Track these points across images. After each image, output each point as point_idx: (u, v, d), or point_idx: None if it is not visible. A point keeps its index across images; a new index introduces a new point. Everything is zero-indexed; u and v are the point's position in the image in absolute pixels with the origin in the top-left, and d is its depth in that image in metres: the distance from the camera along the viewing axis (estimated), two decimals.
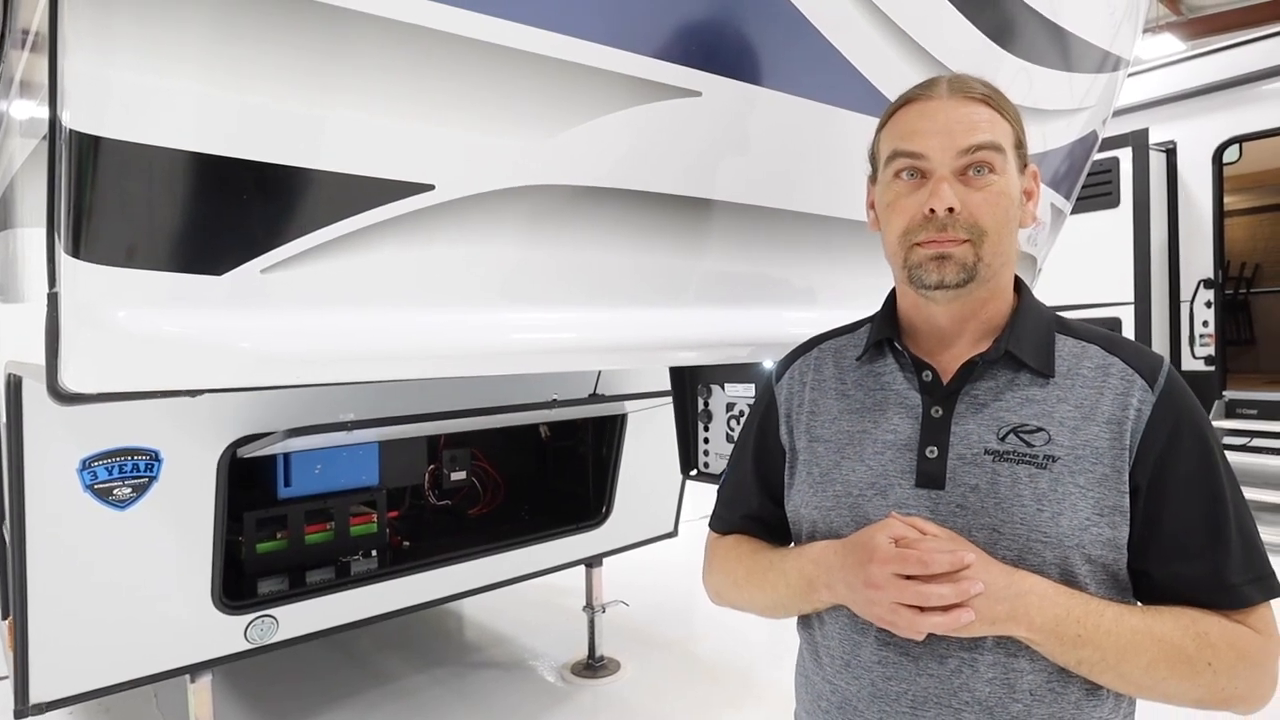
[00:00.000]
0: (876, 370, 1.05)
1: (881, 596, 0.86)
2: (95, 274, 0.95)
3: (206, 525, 2.03)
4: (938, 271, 0.93)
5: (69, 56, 0.90)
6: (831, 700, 0.99)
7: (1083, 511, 0.88)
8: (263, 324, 1.06)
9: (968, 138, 0.92)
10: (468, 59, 1.11)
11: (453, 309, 1.26)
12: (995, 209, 0.93)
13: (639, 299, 1.50)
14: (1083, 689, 0.90)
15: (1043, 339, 0.97)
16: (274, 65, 0.98)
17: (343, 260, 1.10)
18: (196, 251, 1.00)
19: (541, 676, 3.24)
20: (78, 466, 1.83)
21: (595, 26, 1.20)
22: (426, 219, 1.16)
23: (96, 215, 0.94)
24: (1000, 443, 0.92)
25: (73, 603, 1.89)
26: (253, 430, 2.04)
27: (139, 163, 0.94)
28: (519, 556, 2.82)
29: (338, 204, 1.08)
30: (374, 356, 1.19)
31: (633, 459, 3.04)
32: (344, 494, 2.54)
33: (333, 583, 2.40)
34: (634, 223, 1.41)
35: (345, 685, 3.18)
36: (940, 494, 0.93)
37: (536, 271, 1.34)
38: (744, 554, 1.11)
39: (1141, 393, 0.91)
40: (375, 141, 1.09)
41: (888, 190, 0.99)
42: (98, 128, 0.91)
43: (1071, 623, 0.85)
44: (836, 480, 1.00)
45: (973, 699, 0.89)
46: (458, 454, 3.00)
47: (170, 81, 0.94)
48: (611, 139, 1.29)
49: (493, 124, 1.18)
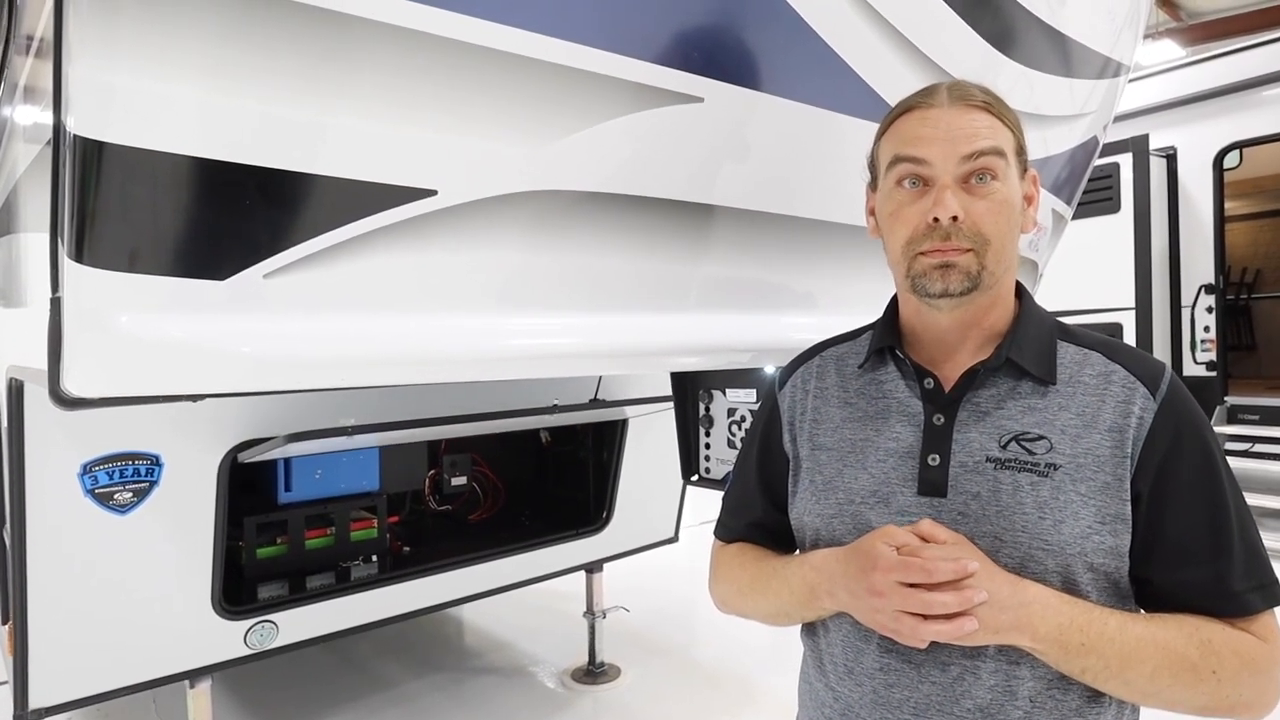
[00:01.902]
0: (878, 378, 1.05)
1: (884, 604, 0.86)
2: (98, 279, 0.95)
3: (207, 530, 2.03)
4: (942, 280, 0.93)
5: (73, 62, 0.90)
6: (834, 707, 0.99)
7: (1084, 519, 0.88)
8: (265, 329, 1.06)
9: (970, 144, 0.92)
10: (470, 65, 1.11)
11: (454, 314, 1.26)
12: (998, 217, 0.93)
13: (640, 304, 1.49)
14: (1083, 696, 0.89)
15: (1044, 346, 0.97)
16: (277, 71, 0.98)
17: (345, 265, 1.10)
18: (199, 256, 1.00)
19: (542, 682, 3.23)
20: (78, 471, 1.82)
21: (597, 32, 1.20)
22: (429, 224, 1.16)
23: (100, 220, 0.93)
24: (1002, 450, 0.92)
25: (73, 608, 1.89)
26: (253, 435, 2.04)
27: (142, 168, 0.94)
28: (519, 562, 2.81)
29: (340, 209, 1.08)
30: (376, 361, 1.19)
31: (634, 464, 3.03)
32: (344, 499, 2.54)
33: (333, 588, 2.40)
34: (635, 228, 1.41)
35: (345, 691, 3.17)
36: (942, 502, 0.93)
37: (538, 277, 1.34)
38: (748, 562, 1.11)
39: (1143, 400, 0.91)
40: (378, 147, 1.09)
41: (890, 199, 0.98)
42: (101, 133, 0.91)
43: (1075, 631, 0.84)
44: (839, 488, 1.00)
45: (974, 706, 0.88)
46: (458, 459, 3.00)
47: (174, 87, 0.94)
48: (613, 145, 1.29)
49: (495, 129, 1.18)
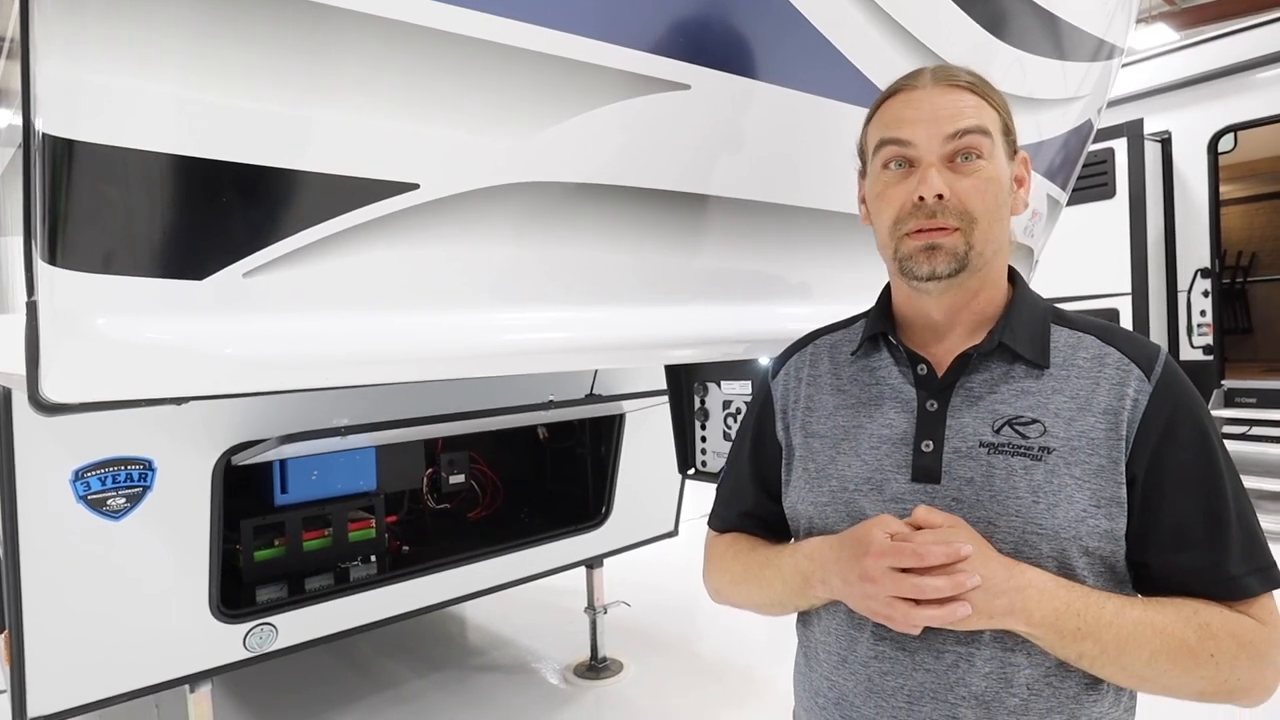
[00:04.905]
0: (871, 365, 1.04)
1: (877, 590, 0.85)
2: (73, 281, 0.93)
3: (203, 534, 2.02)
4: (929, 262, 0.92)
5: (41, 60, 0.88)
6: (829, 696, 0.98)
7: (1079, 503, 0.87)
8: (247, 329, 1.05)
9: (954, 123, 0.92)
10: (451, 55, 1.10)
11: (442, 310, 1.25)
12: (985, 195, 0.92)
13: (632, 297, 1.48)
14: (1081, 683, 0.88)
15: (1037, 330, 0.96)
16: (252, 64, 0.97)
17: (327, 262, 1.09)
18: (177, 256, 0.98)
19: (544, 678, 3.23)
20: (70, 478, 1.81)
21: (580, 20, 1.19)
22: (412, 219, 1.14)
23: (73, 221, 0.92)
24: (995, 435, 0.91)
25: (69, 615, 1.88)
26: (247, 437, 2.03)
27: (115, 166, 0.92)
28: (519, 559, 2.80)
29: (321, 205, 1.06)
30: (362, 360, 1.18)
31: (631, 458, 3.02)
32: (341, 499, 2.53)
33: (332, 589, 2.39)
34: (625, 219, 1.40)
35: (346, 692, 3.16)
36: (936, 488, 0.92)
37: (527, 270, 1.33)
38: (741, 551, 1.11)
39: (1138, 382, 0.90)
40: (357, 140, 1.07)
41: (876, 181, 0.98)
42: (72, 131, 0.89)
43: (1071, 616, 0.83)
44: (832, 476, 1.00)
45: (969, 693, 0.88)
46: (455, 457, 2.99)
47: (145, 83, 0.92)
48: (599, 134, 1.28)
49: (477, 121, 1.16)
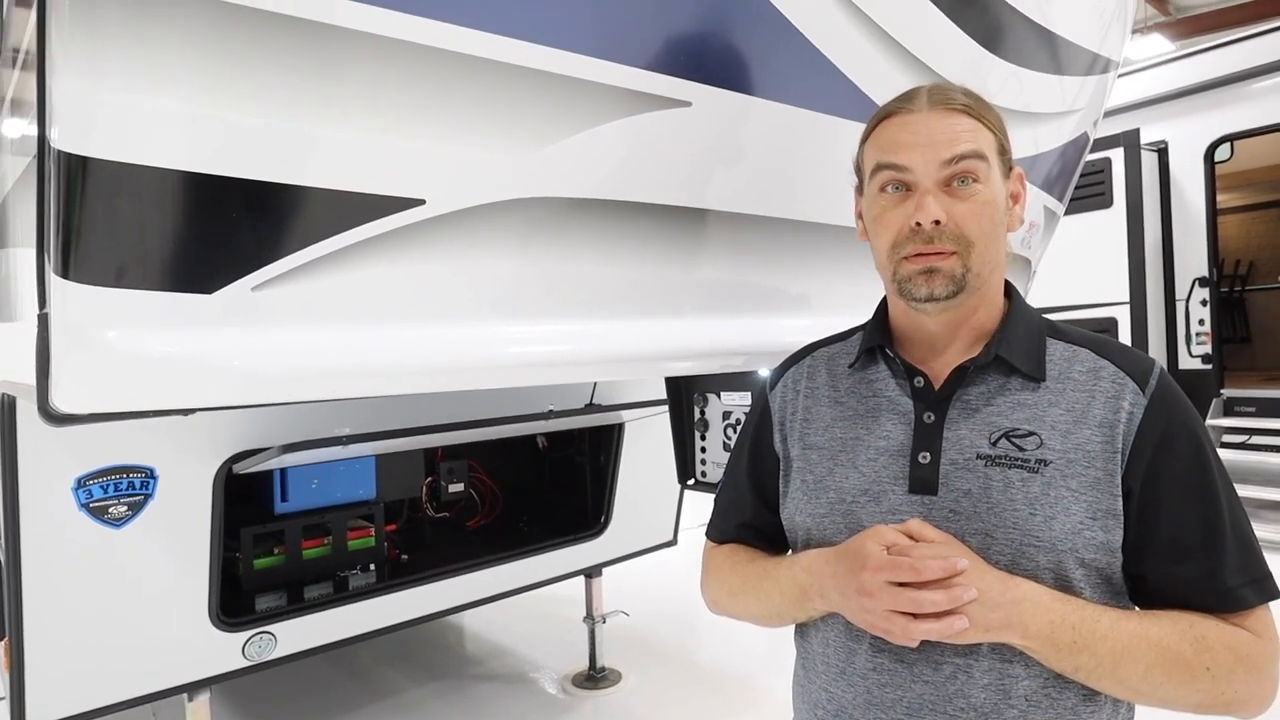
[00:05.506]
0: (869, 377, 1.05)
1: (874, 604, 0.86)
2: (85, 294, 0.94)
3: (203, 542, 2.02)
4: (926, 285, 0.94)
5: (57, 76, 0.89)
6: (827, 709, 0.99)
7: (1075, 515, 0.88)
8: (255, 342, 1.06)
9: (950, 149, 0.93)
10: (456, 74, 1.11)
11: (446, 323, 1.26)
12: (981, 219, 0.93)
13: (633, 310, 1.49)
14: (1079, 695, 0.89)
15: (1033, 343, 0.97)
16: (262, 82, 0.98)
17: (335, 276, 1.10)
18: (187, 270, 1.00)
19: (543, 688, 3.22)
20: (72, 485, 1.82)
21: (583, 39, 1.20)
22: (418, 234, 1.16)
23: (86, 236, 0.93)
24: (992, 447, 0.92)
25: (69, 622, 1.88)
26: (248, 446, 2.04)
27: (128, 182, 0.93)
28: (518, 568, 2.80)
29: (328, 220, 1.08)
30: (367, 372, 1.19)
31: (631, 468, 3.02)
32: (341, 508, 2.53)
33: (331, 598, 2.38)
34: (627, 234, 1.41)
35: (345, 700, 3.16)
36: (933, 499, 0.93)
37: (530, 284, 1.34)
38: (739, 563, 1.11)
39: (1133, 395, 0.91)
40: (365, 157, 1.09)
41: (874, 204, 0.99)
42: (86, 148, 0.90)
43: (1067, 629, 0.84)
44: (830, 487, 1.00)
45: (968, 705, 0.88)
46: (455, 466, 2.98)
47: (158, 101, 0.93)
48: (602, 151, 1.29)
49: (483, 138, 1.18)
